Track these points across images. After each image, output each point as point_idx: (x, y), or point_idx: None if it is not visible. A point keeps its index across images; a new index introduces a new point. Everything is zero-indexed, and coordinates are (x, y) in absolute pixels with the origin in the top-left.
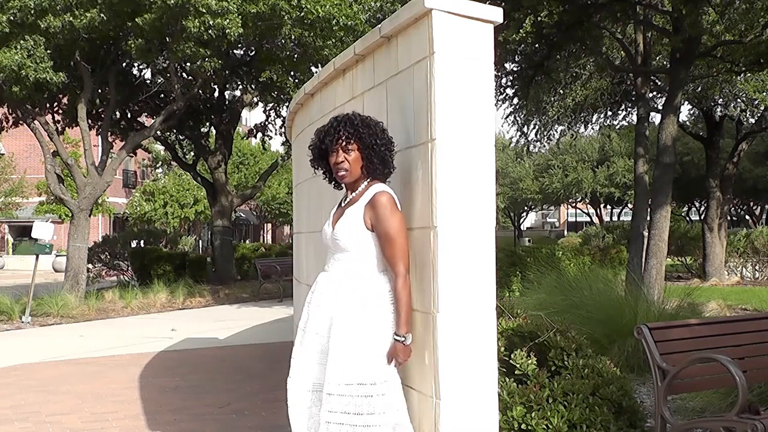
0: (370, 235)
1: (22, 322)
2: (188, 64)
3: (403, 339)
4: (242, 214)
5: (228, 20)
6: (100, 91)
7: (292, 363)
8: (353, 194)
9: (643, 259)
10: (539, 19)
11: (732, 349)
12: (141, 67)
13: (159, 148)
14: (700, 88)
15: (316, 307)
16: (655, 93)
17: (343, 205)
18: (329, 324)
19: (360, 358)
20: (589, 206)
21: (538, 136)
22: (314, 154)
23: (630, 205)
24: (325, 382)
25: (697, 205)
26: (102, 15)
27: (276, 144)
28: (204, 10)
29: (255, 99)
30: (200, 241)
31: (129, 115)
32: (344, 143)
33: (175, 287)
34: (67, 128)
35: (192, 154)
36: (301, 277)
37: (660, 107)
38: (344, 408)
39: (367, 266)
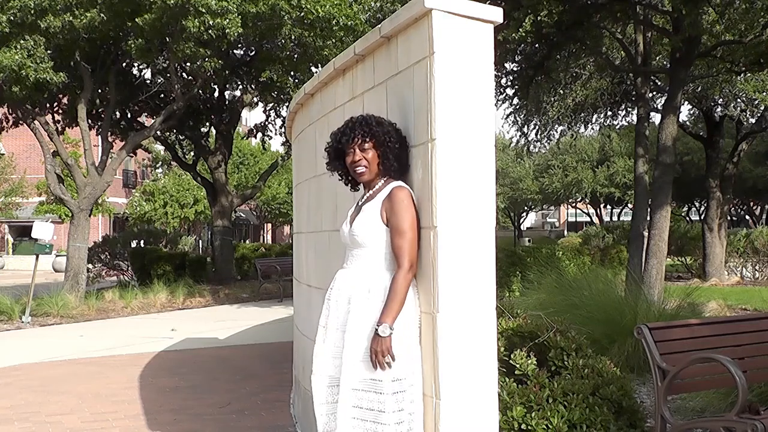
0: (386, 230)
1: (22, 322)
2: (188, 64)
3: (376, 328)
4: (242, 214)
5: (228, 20)
6: (100, 91)
7: (314, 360)
8: (370, 192)
9: (643, 259)
10: (539, 18)
11: (732, 349)
12: (141, 67)
13: (159, 148)
14: (700, 88)
15: (335, 303)
16: (655, 93)
17: (360, 203)
18: (346, 319)
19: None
20: (589, 206)
21: (538, 136)
22: (330, 156)
23: (630, 205)
24: (341, 376)
25: (697, 205)
26: (102, 15)
27: (276, 144)
28: (204, 10)
29: (255, 99)
30: (200, 241)
31: (129, 115)
32: (360, 141)
33: (175, 287)
34: (67, 128)
35: (192, 154)
36: (301, 277)
37: (660, 107)
38: (357, 402)
39: (384, 261)
